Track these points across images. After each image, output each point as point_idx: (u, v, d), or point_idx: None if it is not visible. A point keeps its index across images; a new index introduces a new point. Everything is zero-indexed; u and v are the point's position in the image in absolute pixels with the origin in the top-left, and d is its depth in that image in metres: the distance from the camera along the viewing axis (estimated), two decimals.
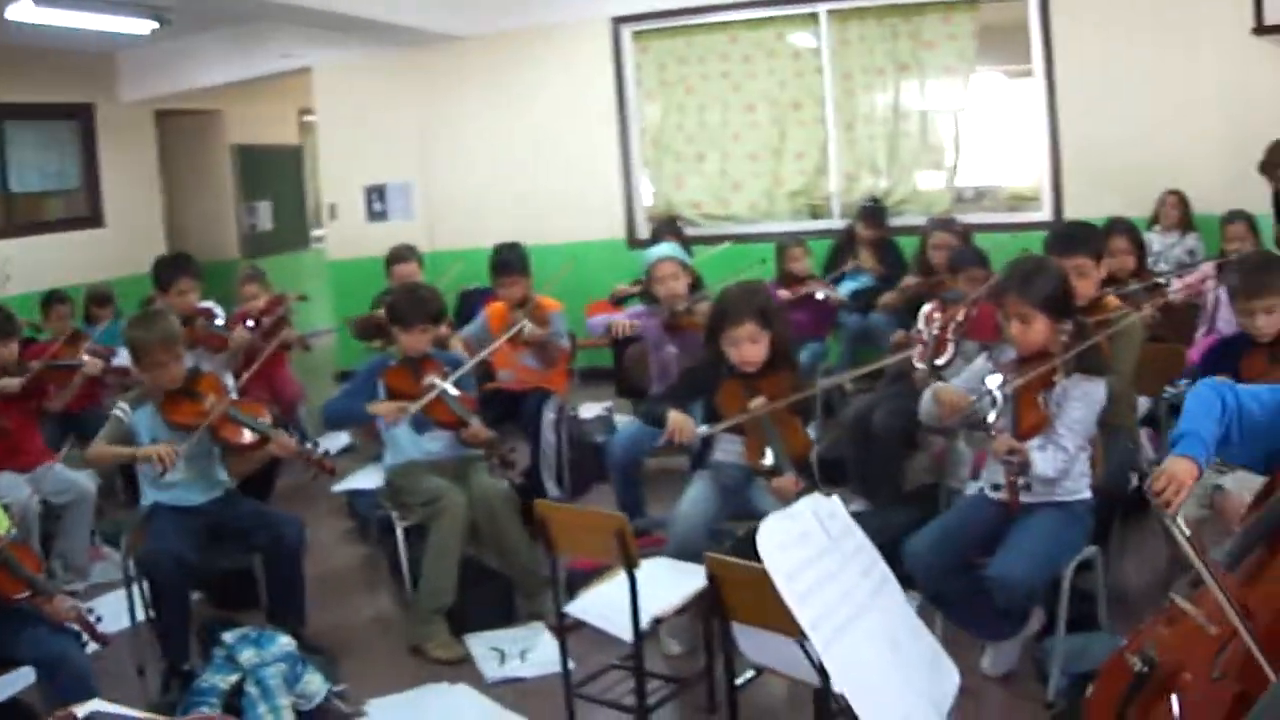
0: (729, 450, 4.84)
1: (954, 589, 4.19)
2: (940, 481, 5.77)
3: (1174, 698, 2.79)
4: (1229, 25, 8.82)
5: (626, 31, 10.63)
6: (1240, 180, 7.85)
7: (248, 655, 4.29)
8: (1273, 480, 3.10)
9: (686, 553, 4.34)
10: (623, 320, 6.60)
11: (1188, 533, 2.88)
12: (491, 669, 4.85)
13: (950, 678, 2.86)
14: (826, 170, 10.43)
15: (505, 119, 10.91)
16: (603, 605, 3.98)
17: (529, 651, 4.97)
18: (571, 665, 4.20)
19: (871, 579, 2.80)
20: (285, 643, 4.42)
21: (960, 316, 5.72)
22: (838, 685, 2.42)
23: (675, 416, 4.71)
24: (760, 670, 3.78)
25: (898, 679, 2.66)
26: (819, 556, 2.65)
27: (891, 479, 6.18)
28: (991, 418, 4.13)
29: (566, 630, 4.16)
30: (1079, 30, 9.45)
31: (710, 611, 3.89)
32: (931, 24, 10.04)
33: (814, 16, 10.20)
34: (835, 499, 2.85)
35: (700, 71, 10.62)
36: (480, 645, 5.04)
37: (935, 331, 5.78)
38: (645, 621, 3.81)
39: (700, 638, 4.54)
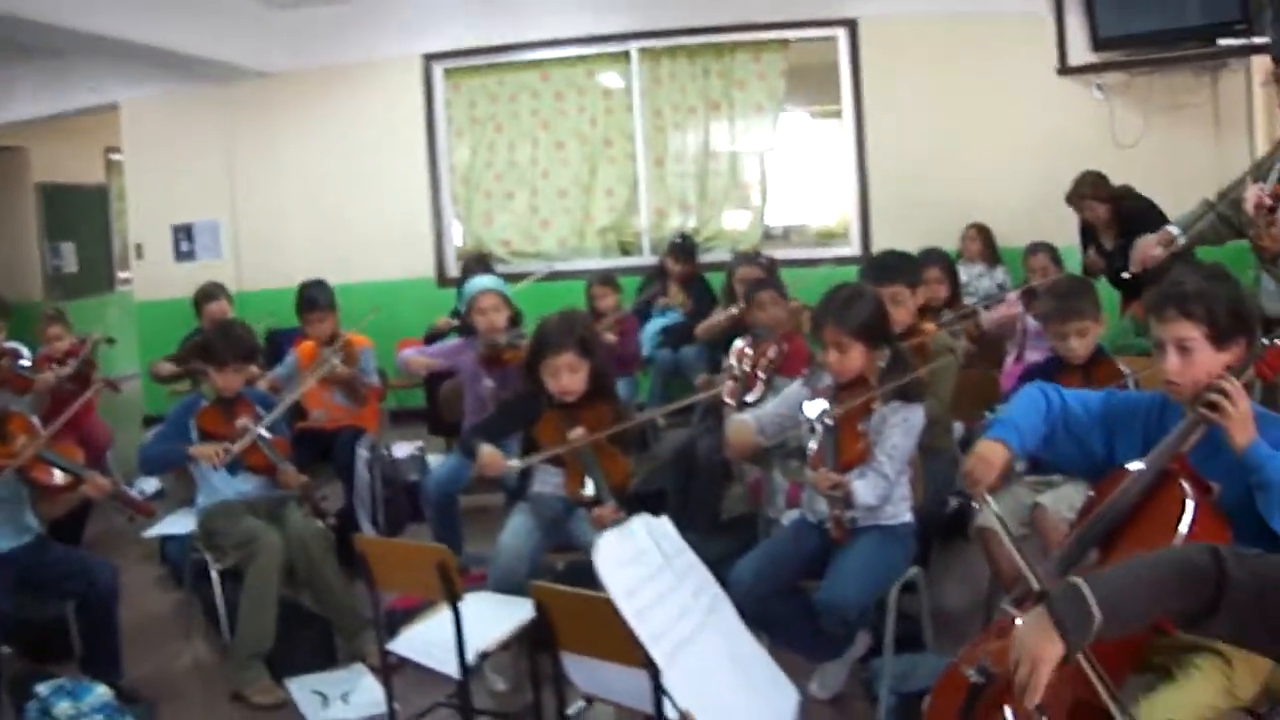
0: (548, 481, 4.80)
1: (780, 613, 4.21)
2: (758, 511, 5.82)
3: (1007, 710, 2.82)
4: (1035, 66, 9.30)
5: (438, 69, 10.59)
6: (1044, 213, 8.15)
7: (63, 708, 4.15)
8: (1099, 491, 3.17)
9: (509, 585, 4.31)
10: (427, 354, 6.56)
11: (997, 509, 3.01)
12: (314, 713, 4.72)
13: (790, 696, 2.89)
14: (637, 207, 10.52)
15: (315, 156, 10.75)
16: (427, 642, 3.89)
17: (351, 693, 4.85)
18: (396, 706, 4.12)
19: (706, 597, 2.81)
20: (102, 693, 4.29)
21: (771, 354, 5.81)
22: (682, 702, 2.40)
23: (484, 451, 4.68)
24: (591, 700, 3.75)
25: (741, 696, 2.67)
26: (655, 574, 2.66)
27: (711, 509, 6.21)
28: (813, 446, 4.21)
29: (390, 670, 4.08)
30: (887, 70, 9.75)
31: (537, 644, 3.87)
32: (742, 63, 10.23)
33: (625, 55, 10.29)
34: (665, 519, 2.86)
35: (511, 109, 10.62)
36: (301, 689, 4.90)
37: (746, 368, 5.86)
38: (471, 656, 3.73)
39: (525, 674, 4.43)
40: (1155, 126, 9.06)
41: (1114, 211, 7.42)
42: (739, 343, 6.03)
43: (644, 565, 2.66)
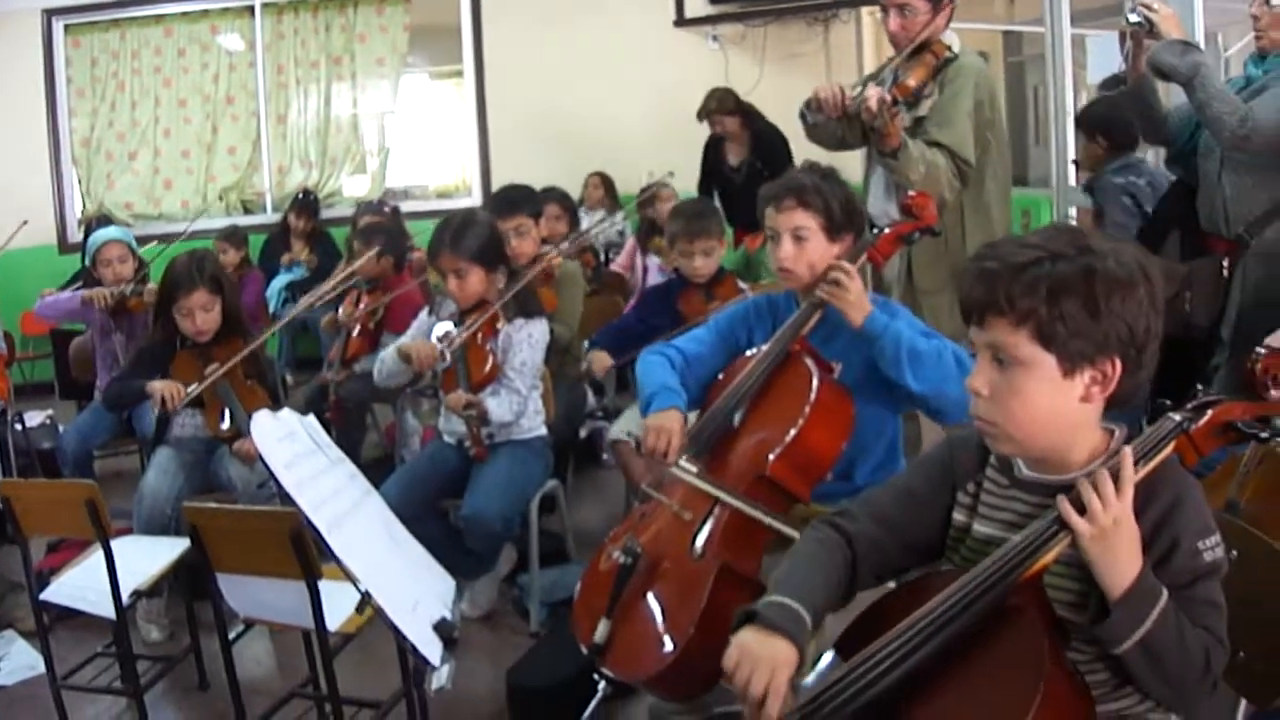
0: (187, 424, 4.76)
1: (426, 533, 4.11)
2: (394, 454, 5.92)
3: (651, 594, 2.98)
4: (652, 18, 9.62)
5: (59, 25, 10.13)
6: (662, 160, 8.42)
7: None
8: (726, 373, 3.34)
9: (156, 527, 4.33)
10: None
11: (694, 469, 3.11)
12: None
13: (447, 580, 2.95)
14: (260, 165, 10.41)
15: None
16: (79, 586, 3.82)
17: (3, 659, 4.64)
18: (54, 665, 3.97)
19: (360, 484, 2.86)
20: None
21: (375, 303, 6.00)
22: (347, 562, 2.46)
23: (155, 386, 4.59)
24: (250, 624, 3.80)
25: (402, 568, 2.74)
26: (309, 454, 2.67)
27: (350, 454, 6.24)
28: (441, 369, 4.35)
29: (45, 629, 3.95)
30: (508, 27, 9.93)
31: (192, 582, 3.87)
32: (365, 17, 10.25)
33: (249, 9, 10.17)
34: (312, 417, 2.92)
35: (133, 67, 10.32)
36: None
37: (355, 322, 6.01)
38: (126, 597, 3.70)
39: (182, 621, 4.36)
40: (770, 75, 9.55)
41: (743, 124, 7.80)
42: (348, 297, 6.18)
43: (298, 444, 2.69)
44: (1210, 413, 2.09)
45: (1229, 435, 2.13)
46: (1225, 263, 4.31)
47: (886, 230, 3.42)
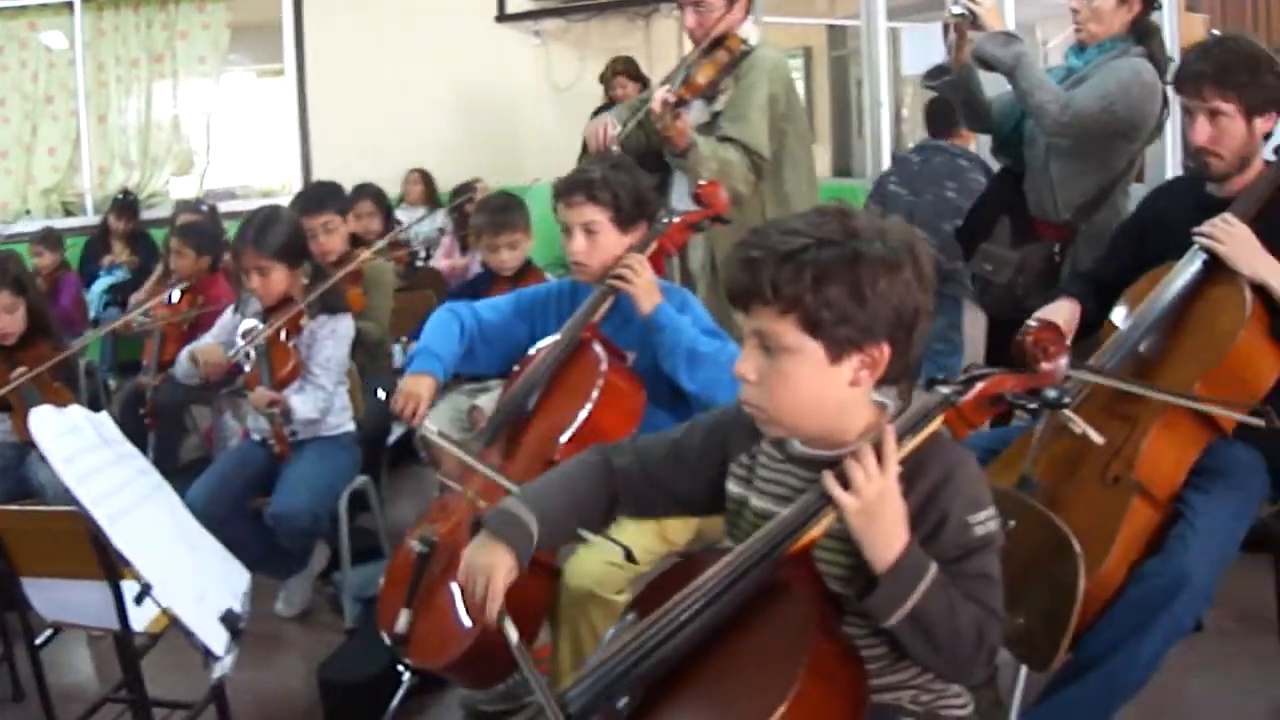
0: None
1: (237, 534, 4.10)
2: (213, 456, 5.83)
3: (453, 584, 3.04)
4: (474, 14, 9.63)
5: None
6: (483, 155, 8.50)
7: None
8: (521, 365, 3.44)
9: None
10: None
11: (435, 429, 3.26)
12: None
13: (241, 575, 2.96)
14: (80, 166, 10.20)
15: None
16: None
17: None
18: None
19: (150, 480, 2.85)
20: None
21: (184, 302, 6.04)
22: (129, 555, 2.49)
23: None
24: (58, 629, 3.74)
25: (188, 561, 2.74)
26: (94, 448, 2.65)
27: (171, 456, 6.20)
28: (248, 368, 4.35)
29: None
30: (330, 25, 9.90)
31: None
32: (186, 14, 10.10)
33: (69, 6, 9.92)
34: (105, 414, 2.93)
35: None
36: None
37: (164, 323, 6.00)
38: None
39: None
40: (590, 69, 9.54)
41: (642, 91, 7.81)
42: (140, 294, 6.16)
43: (82, 440, 2.68)
44: (979, 386, 2.04)
45: (999, 408, 2.11)
46: (1056, 248, 4.45)
47: (677, 219, 3.51)
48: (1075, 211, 4.40)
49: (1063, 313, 3.44)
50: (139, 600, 2.56)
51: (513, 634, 2.18)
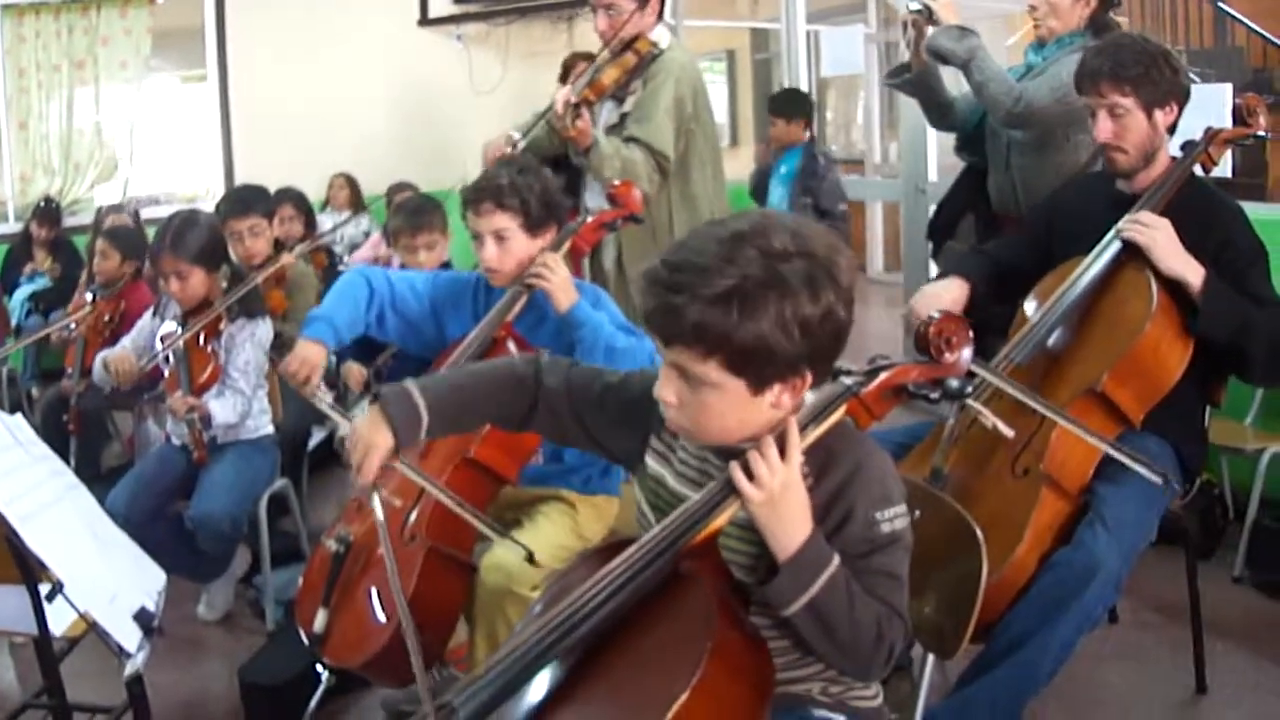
0: None
1: (158, 537, 4.11)
2: (135, 462, 5.80)
3: (364, 581, 3.09)
4: (397, 17, 9.65)
5: None
6: (407, 157, 8.50)
7: None
8: (436, 364, 3.45)
9: None
10: None
11: (330, 399, 3.31)
12: None
13: (157, 575, 2.95)
14: (1, 173, 10.05)
15: None
16: None
17: None
18: None
19: (64, 480, 2.84)
20: None
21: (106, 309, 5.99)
22: (40, 554, 2.48)
23: None
24: None
25: (101, 560, 2.74)
26: (6, 449, 2.68)
27: (93, 462, 6.18)
28: (167, 372, 4.37)
29: None
30: (253, 31, 9.79)
31: None
32: (108, 19, 9.98)
33: None
34: (19, 416, 2.92)
35: None
36: None
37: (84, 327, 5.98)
38: None
39: None
40: (513, 72, 9.76)
41: None
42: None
43: None
44: (882, 376, 2.03)
45: (901, 398, 2.08)
46: None
47: (589, 219, 3.57)
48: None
49: (951, 291, 3.52)
50: (50, 598, 2.56)
51: (379, 512, 2.41)
